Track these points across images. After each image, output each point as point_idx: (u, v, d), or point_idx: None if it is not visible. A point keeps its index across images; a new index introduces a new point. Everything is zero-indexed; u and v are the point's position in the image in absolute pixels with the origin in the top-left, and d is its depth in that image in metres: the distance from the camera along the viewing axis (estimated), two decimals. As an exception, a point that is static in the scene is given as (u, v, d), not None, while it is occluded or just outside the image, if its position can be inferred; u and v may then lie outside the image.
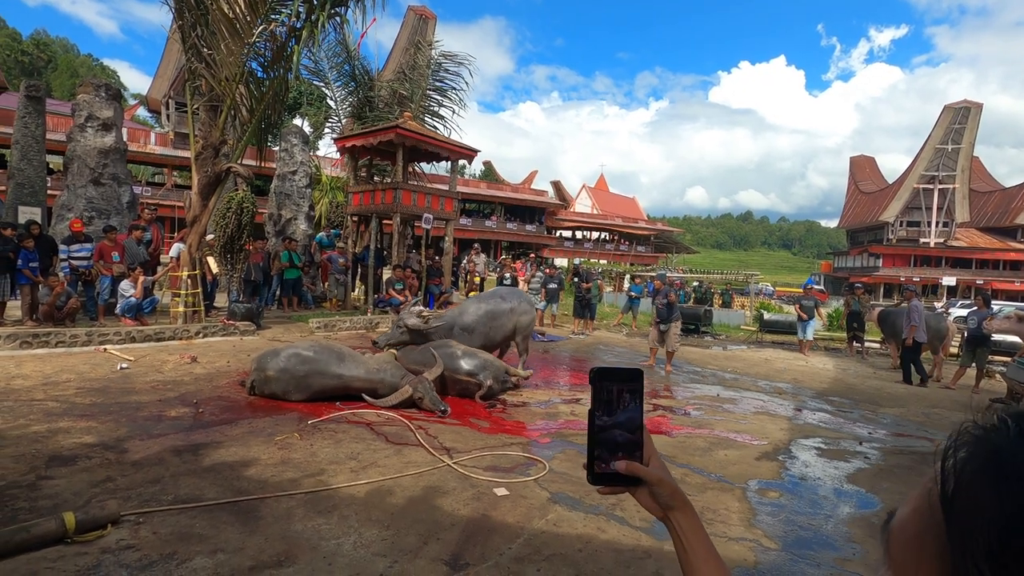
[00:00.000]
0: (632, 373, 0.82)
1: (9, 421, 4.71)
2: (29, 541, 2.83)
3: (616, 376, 0.82)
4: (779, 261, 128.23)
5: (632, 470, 0.79)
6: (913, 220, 50.37)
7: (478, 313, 7.70)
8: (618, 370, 0.82)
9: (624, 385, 0.81)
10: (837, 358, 12.91)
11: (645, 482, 0.80)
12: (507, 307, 7.82)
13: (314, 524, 3.33)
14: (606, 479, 0.80)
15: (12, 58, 55.36)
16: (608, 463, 0.80)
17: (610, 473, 0.79)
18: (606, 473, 0.80)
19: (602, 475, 0.80)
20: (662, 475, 0.80)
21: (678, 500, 0.80)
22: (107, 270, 9.05)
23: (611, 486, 0.81)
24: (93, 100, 11.52)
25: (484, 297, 8.42)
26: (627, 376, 0.82)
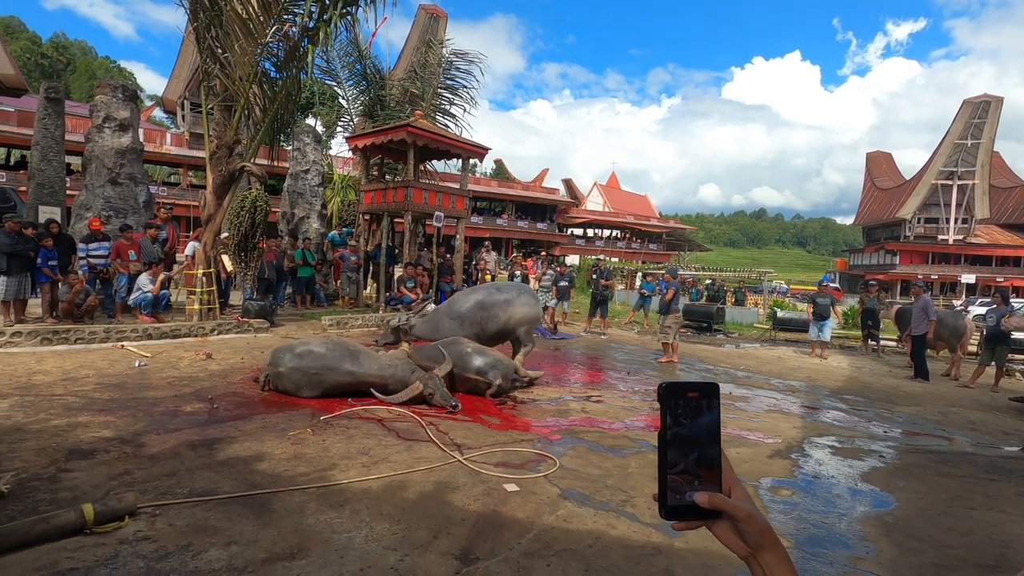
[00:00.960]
0: (707, 388, 0.73)
1: (31, 415, 4.82)
2: (49, 532, 2.89)
3: (689, 392, 0.73)
4: (794, 259, 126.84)
5: (716, 504, 0.70)
6: (931, 217, 49.53)
7: (468, 302, 7.66)
8: (690, 385, 0.73)
9: (698, 402, 0.72)
10: (852, 356, 12.75)
11: (728, 516, 0.70)
12: (501, 298, 7.66)
13: (326, 518, 3.36)
14: (681, 513, 0.71)
15: (32, 61, 56.37)
16: (683, 494, 0.70)
17: (686, 506, 0.70)
18: (681, 506, 0.70)
19: (677, 508, 0.71)
20: (750, 509, 0.70)
21: (768, 538, 0.70)
22: (124, 268, 9.19)
23: (687, 520, 0.71)
24: (110, 101, 11.71)
25: (479, 288, 8.36)
26: (701, 391, 0.73)
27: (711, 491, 0.70)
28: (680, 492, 0.70)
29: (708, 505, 0.69)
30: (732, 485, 0.72)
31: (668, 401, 0.72)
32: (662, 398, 0.72)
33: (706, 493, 0.70)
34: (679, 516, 0.71)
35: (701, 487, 0.70)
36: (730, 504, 0.69)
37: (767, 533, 0.70)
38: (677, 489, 0.71)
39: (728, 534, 0.71)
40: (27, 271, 8.39)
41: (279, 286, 12.21)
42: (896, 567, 3.22)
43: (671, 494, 0.71)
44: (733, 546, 0.71)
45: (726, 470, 0.72)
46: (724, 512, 0.70)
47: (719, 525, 0.71)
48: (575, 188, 50.17)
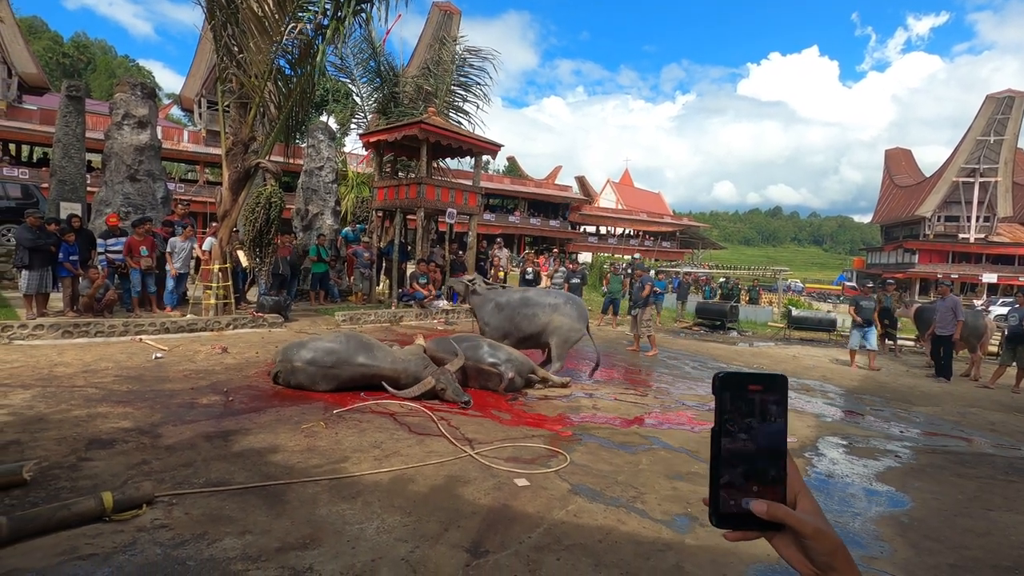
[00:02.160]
0: (772, 380, 0.65)
1: (52, 406, 4.93)
2: (70, 518, 2.96)
3: (750, 384, 0.65)
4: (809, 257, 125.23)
5: (776, 514, 0.62)
6: (952, 215, 48.55)
7: (516, 295, 7.63)
8: (752, 376, 0.65)
9: (761, 396, 0.65)
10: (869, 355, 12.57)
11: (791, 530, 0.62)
12: (546, 302, 7.42)
13: (338, 509, 3.40)
14: (735, 521, 0.63)
15: (54, 60, 57.37)
16: (739, 500, 0.63)
17: (741, 513, 0.63)
18: (736, 513, 0.63)
19: (730, 516, 0.63)
20: (819, 524, 0.61)
21: (840, 559, 0.61)
22: (136, 263, 9.32)
23: (742, 530, 0.64)
24: (129, 99, 11.89)
25: (531, 288, 8.28)
26: (765, 384, 0.65)
27: (772, 499, 0.63)
28: (735, 498, 0.63)
29: (767, 515, 0.62)
30: (799, 494, 0.64)
31: (724, 394, 0.64)
32: (718, 390, 0.65)
33: (765, 502, 0.62)
34: (732, 524, 0.64)
35: (760, 494, 0.63)
36: (794, 517, 0.61)
37: (840, 554, 0.61)
38: (732, 494, 0.63)
39: (791, 551, 0.62)
40: (49, 265, 8.56)
41: (293, 282, 12.33)
42: (911, 567, 3.18)
43: (724, 499, 0.63)
44: (797, 564, 0.63)
45: (791, 476, 0.64)
46: (787, 525, 0.62)
47: (781, 539, 0.63)
48: (588, 185, 49.98)
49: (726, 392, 0.64)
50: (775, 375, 0.65)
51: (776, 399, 0.64)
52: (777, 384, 0.65)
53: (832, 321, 16.01)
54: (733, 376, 0.64)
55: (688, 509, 3.75)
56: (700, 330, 15.97)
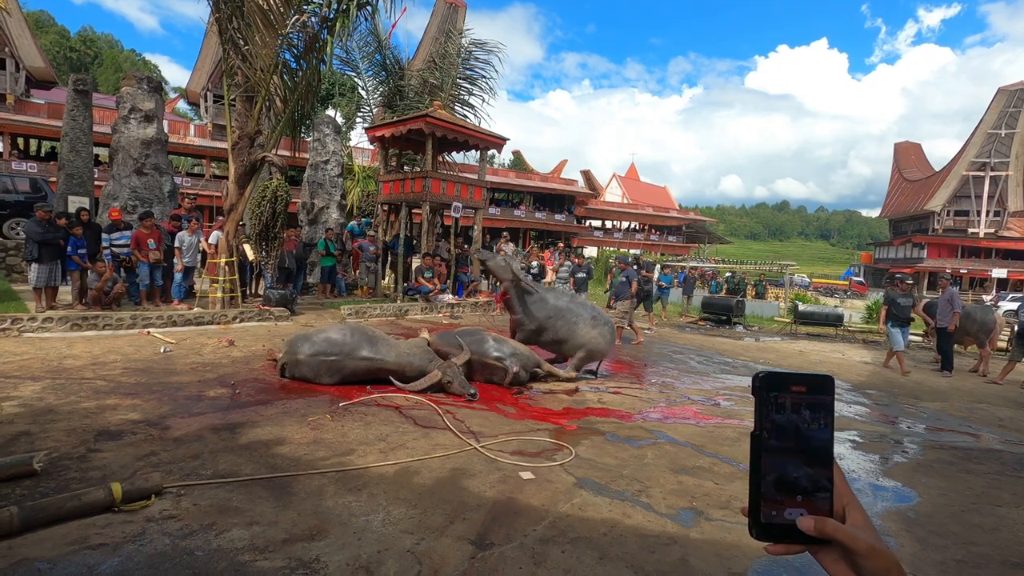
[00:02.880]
0: (818, 381, 0.61)
1: (61, 397, 4.97)
2: (80, 508, 3.00)
3: (793, 385, 0.61)
4: (816, 252, 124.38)
5: (824, 530, 0.57)
6: (961, 209, 48.12)
7: (563, 298, 7.42)
8: (796, 377, 0.61)
9: (806, 398, 0.60)
10: (876, 351, 12.51)
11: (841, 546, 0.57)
12: (589, 315, 7.21)
13: (344, 501, 3.42)
14: (778, 533, 0.59)
15: (61, 54, 57.58)
16: (781, 511, 0.59)
17: (785, 525, 0.59)
18: (778, 525, 0.59)
19: (772, 528, 0.60)
20: (872, 541, 0.57)
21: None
22: (143, 257, 9.37)
23: (786, 543, 0.60)
24: (136, 93, 11.93)
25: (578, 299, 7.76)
26: (810, 385, 0.61)
27: (818, 511, 0.58)
28: (777, 508, 0.59)
29: (814, 532, 0.57)
30: (848, 505, 0.60)
31: (766, 395, 0.60)
32: (758, 391, 0.61)
33: (812, 517, 0.58)
34: (775, 536, 0.59)
35: (806, 505, 0.59)
36: (845, 532, 0.57)
37: (895, 574, 0.56)
38: (774, 504, 0.59)
39: (840, 567, 0.58)
40: (58, 259, 8.63)
41: (299, 275, 12.37)
42: (917, 563, 3.17)
43: (765, 510, 0.59)
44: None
45: (839, 486, 0.60)
46: (836, 542, 0.57)
47: (828, 555, 0.58)
48: (594, 179, 49.79)
49: (767, 393, 0.61)
50: (822, 376, 0.60)
51: (822, 401, 0.60)
52: (824, 385, 0.61)
53: (839, 316, 15.91)
54: (775, 376, 0.61)
55: (693, 503, 3.75)
56: (706, 325, 15.93)
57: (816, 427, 0.60)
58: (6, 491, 3.22)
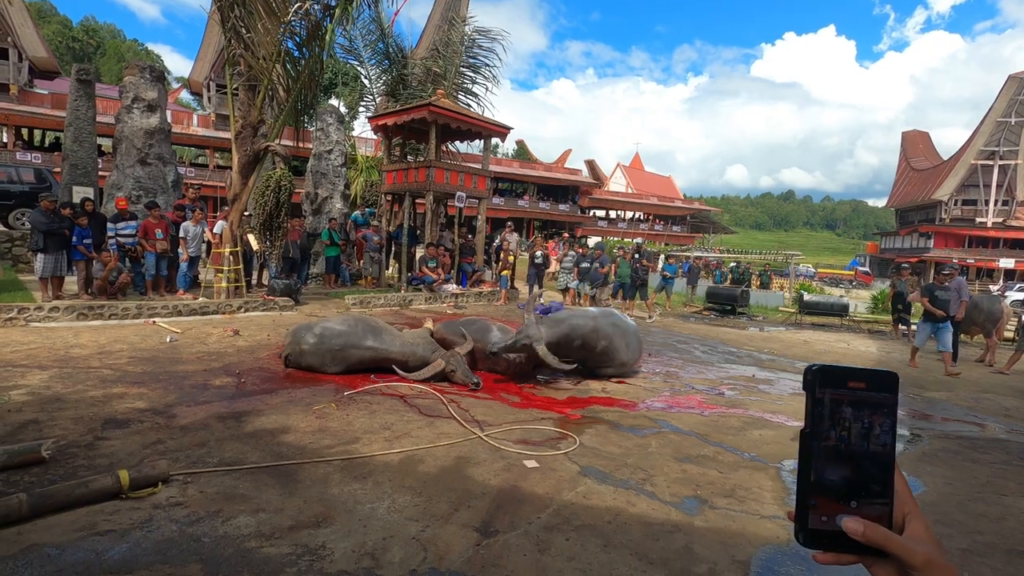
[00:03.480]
0: (879, 378, 0.57)
1: (68, 386, 5.01)
2: (88, 495, 3.02)
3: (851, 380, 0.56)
4: (822, 242, 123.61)
5: (874, 538, 0.53)
6: (969, 199, 47.64)
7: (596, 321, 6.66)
8: (855, 372, 0.57)
9: (865, 396, 0.56)
10: (881, 340, 12.46)
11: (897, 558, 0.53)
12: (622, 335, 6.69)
13: (350, 489, 3.44)
14: (828, 540, 0.56)
15: (64, 44, 57.43)
16: (832, 517, 0.55)
17: (834, 533, 0.55)
18: (828, 532, 0.55)
19: (821, 533, 0.56)
20: (932, 553, 0.53)
21: None
22: (151, 247, 9.40)
23: (835, 551, 0.56)
24: (138, 82, 11.89)
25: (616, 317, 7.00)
26: (870, 382, 0.57)
27: (874, 519, 0.54)
28: (828, 513, 0.55)
29: (863, 538, 0.53)
30: (909, 515, 0.55)
31: (819, 390, 0.56)
32: (811, 385, 0.56)
33: (861, 521, 0.54)
34: (824, 544, 0.56)
35: (860, 510, 0.55)
36: (899, 543, 0.52)
37: None
38: (824, 508, 0.55)
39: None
40: (63, 249, 8.65)
41: (303, 265, 12.39)
42: (922, 551, 3.17)
43: (814, 515, 0.55)
44: None
45: (901, 492, 0.56)
46: (890, 552, 0.53)
47: (882, 568, 0.54)
48: (598, 169, 49.54)
49: (821, 388, 0.56)
50: (885, 372, 0.56)
51: (884, 400, 0.56)
52: (887, 383, 0.56)
53: (844, 306, 15.85)
54: (830, 369, 0.56)
55: (698, 491, 3.75)
56: (710, 315, 15.90)
57: (876, 428, 0.56)
58: (15, 478, 3.25)
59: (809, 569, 2.89)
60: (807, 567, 2.91)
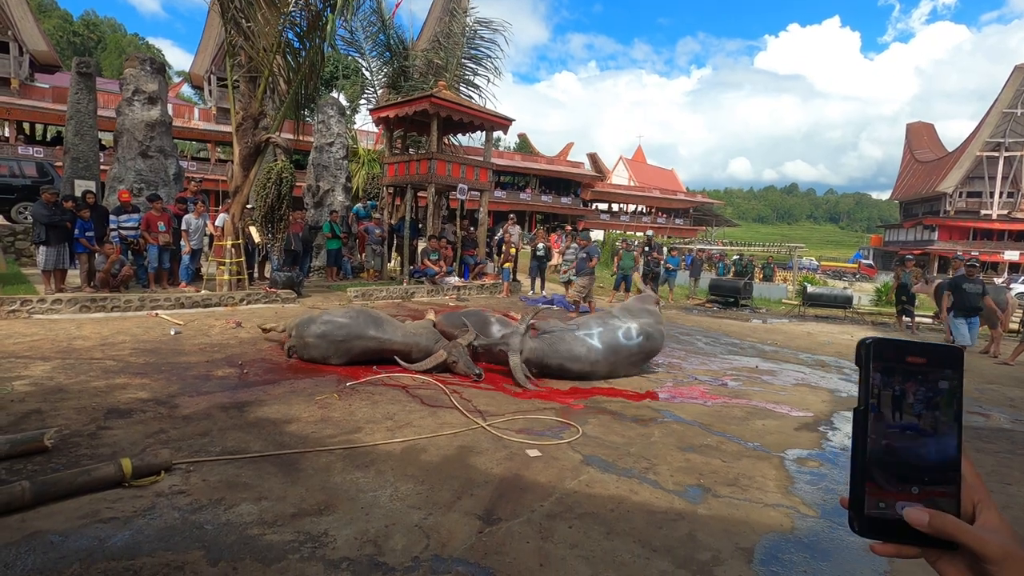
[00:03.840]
0: (941, 353, 0.52)
1: (72, 377, 5.01)
2: (91, 483, 3.02)
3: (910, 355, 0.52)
4: (825, 235, 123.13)
5: (942, 527, 0.49)
6: (974, 191, 47.34)
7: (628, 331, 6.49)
8: (915, 347, 0.53)
9: (925, 372, 0.52)
10: (885, 332, 12.41)
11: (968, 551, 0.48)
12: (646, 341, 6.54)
13: (352, 477, 3.44)
14: (886, 529, 0.51)
15: (64, 39, 57.33)
16: (892, 504, 0.51)
17: (893, 520, 0.51)
18: (886, 519, 0.51)
19: (879, 521, 0.51)
20: (1010, 545, 0.47)
21: None
22: (153, 239, 9.39)
23: (896, 543, 0.51)
24: (139, 74, 11.85)
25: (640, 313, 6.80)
26: (931, 358, 0.52)
27: (939, 507, 0.50)
28: (887, 500, 0.51)
29: (928, 528, 0.49)
30: (979, 503, 0.50)
31: (875, 365, 0.52)
32: (865, 360, 0.52)
33: (925, 510, 0.49)
34: (882, 533, 0.51)
35: (923, 498, 0.51)
36: (971, 533, 0.48)
37: None
38: (882, 495, 0.51)
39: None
40: (65, 242, 8.65)
41: (306, 258, 12.38)
42: (927, 539, 3.15)
43: (871, 500, 0.51)
44: None
45: (970, 478, 0.51)
46: (961, 543, 0.48)
47: (949, 562, 0.49)
48: (600, 162, 49.34)
49: (877, 363, 0.52)
50: (946, 347, 0.52)
51: (946, 377, 0.51)
52: (947, 358, 0.52)
53: (848, 298, 15.79)
54: (887, 344, 0.52)
55: (701, 480, 3.74)
56: (713, 307, 15.85)
57: (938, 408, 0.51)
58: (18, 466, 3.26)
59: (813, 557, 2.88)
60: (811, 555, 2.90)
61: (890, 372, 0.52)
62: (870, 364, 0.53)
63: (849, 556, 2.91)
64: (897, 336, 11.50)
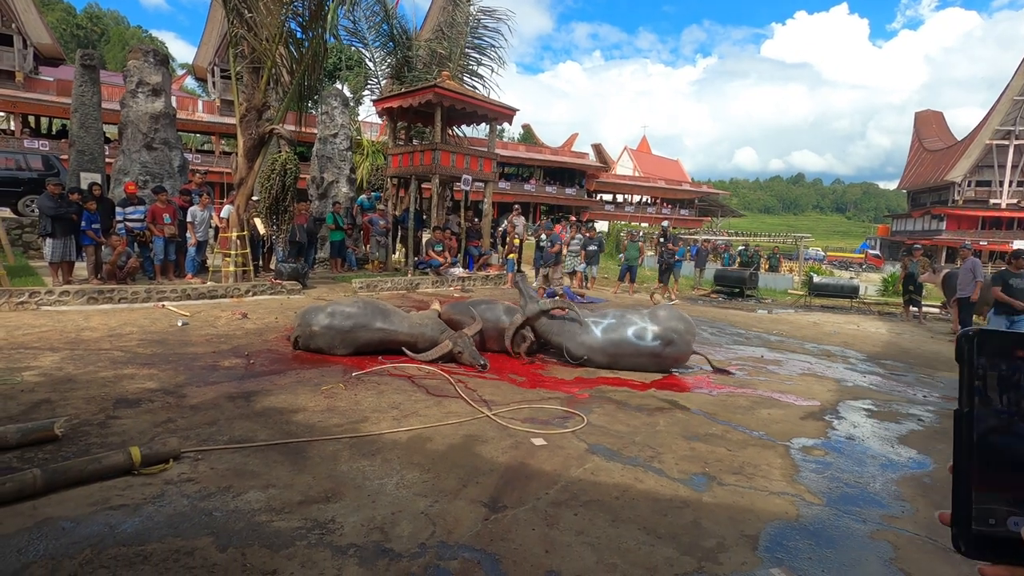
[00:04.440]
0: None
1: (80, 367, 5.06)
2: (100, 471, 3.05)
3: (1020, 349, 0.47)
4: (831, 225, 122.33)
5: None
6: (983, 179, 46.87)
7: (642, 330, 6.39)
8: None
9: None
10: (891, 322, 12.36)
11: None
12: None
13: (358, 466, 3.46)
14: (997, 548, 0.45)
15: (68, 32, 57.27)
16: (1004, 520, 0.45)
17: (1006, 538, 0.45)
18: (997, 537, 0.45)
19: (988, 539, 0.46)
20: None
21: None
22: (159, 231, 9.43)
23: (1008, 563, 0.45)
24: (142, 66, 11.84)
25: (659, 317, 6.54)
26: None
27: None
28: (998, 515, 0.45)
29: None
30: None
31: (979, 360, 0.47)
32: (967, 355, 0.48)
33: None
34: (993, 552, 0.45)
35: None
36: None
37: None
38: (991, 509, 0.45)
39: None
40: (71, 234, 8.69)
41: (310, 249, 12.40)
42: (932, 526, 3.15)
43: (979, 516, 0.45)
44: None
45: None
46: None
47: None
48: (605, 153, 49.07)
49: (982, 357, 0.47)
50: None
51: None
52: None
53: (854, 288, 15.70)
54: (992, 336, 0.47)
55: (706, 468, 3.75)
56: (718, 298, 15.80)
57: None
58: (29, 455, 3.29)
59: (818, 544, 2.88)
60: (816, 542, 2.90)
61: (996, 367, 0.47)
62: (974, 359, 0.48)
63: (855, 543, 2.92)
64: (906, 326, 11.44)
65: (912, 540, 2.99)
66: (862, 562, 2.76)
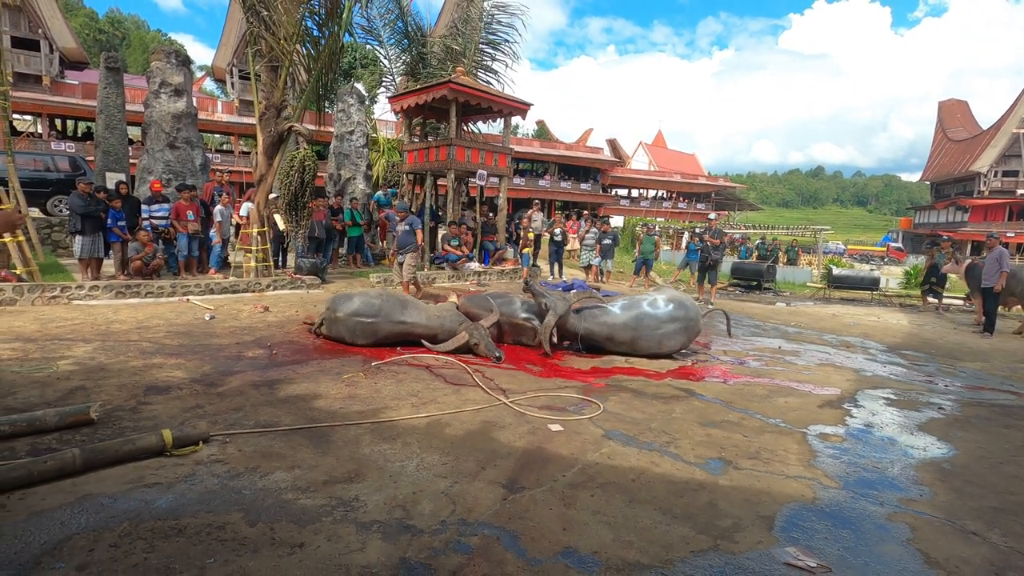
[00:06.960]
0: None
1: (111, 357, 5.24)
2: (135, 452, 3.19)
3: None
4: (852, 219, 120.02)
5: None
6: (1010, 169, 45.62)
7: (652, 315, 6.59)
8: None
9: None
10: (913, 314, 12.17)
11: None
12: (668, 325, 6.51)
13: (380, 449, 3.55)
14: None
15: (91, 36, 58.57)
16: None
17: None
18: None
19: None
20: None
21: None
22: (183, 228, 9.66)
23: None
24: (164, 67, 12.11)
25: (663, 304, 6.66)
26: None
27: None
28: None
29: None
30: None
31: None
32: None
33: None
34: None
35: None
36: None
37: None
38: None
39: None
40: (99, 231, 8.95)
41: (329, 245, 12.58)
42: (951, 509, 3.15)
43: None
44: None
45: None
46: None
47: None
48: (620, 148, 48.78)
49: None
50: None
51: None
52: None
53: (874, 280, 15.48)
54: None
55: (722, 453, 3.77)
56: (736, 290, 15.69)
57: None
58: (68, 436, 3.44)
59: (835, 525, 2.90)
60: (833, 523, 2.92)
61: None
62: None
63: (871, 524, 2.93)
64: (928, 317, 11.23)
65: (930, 522, 3.00)
66: (879, 542, 2.77)
